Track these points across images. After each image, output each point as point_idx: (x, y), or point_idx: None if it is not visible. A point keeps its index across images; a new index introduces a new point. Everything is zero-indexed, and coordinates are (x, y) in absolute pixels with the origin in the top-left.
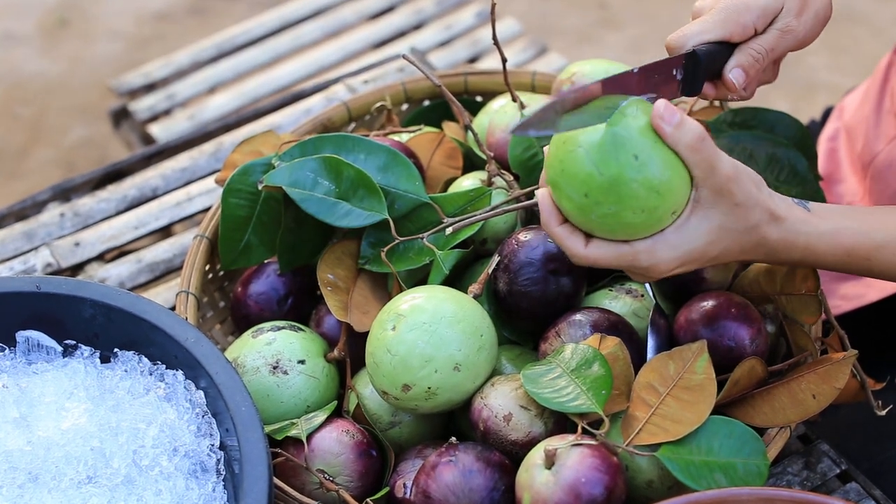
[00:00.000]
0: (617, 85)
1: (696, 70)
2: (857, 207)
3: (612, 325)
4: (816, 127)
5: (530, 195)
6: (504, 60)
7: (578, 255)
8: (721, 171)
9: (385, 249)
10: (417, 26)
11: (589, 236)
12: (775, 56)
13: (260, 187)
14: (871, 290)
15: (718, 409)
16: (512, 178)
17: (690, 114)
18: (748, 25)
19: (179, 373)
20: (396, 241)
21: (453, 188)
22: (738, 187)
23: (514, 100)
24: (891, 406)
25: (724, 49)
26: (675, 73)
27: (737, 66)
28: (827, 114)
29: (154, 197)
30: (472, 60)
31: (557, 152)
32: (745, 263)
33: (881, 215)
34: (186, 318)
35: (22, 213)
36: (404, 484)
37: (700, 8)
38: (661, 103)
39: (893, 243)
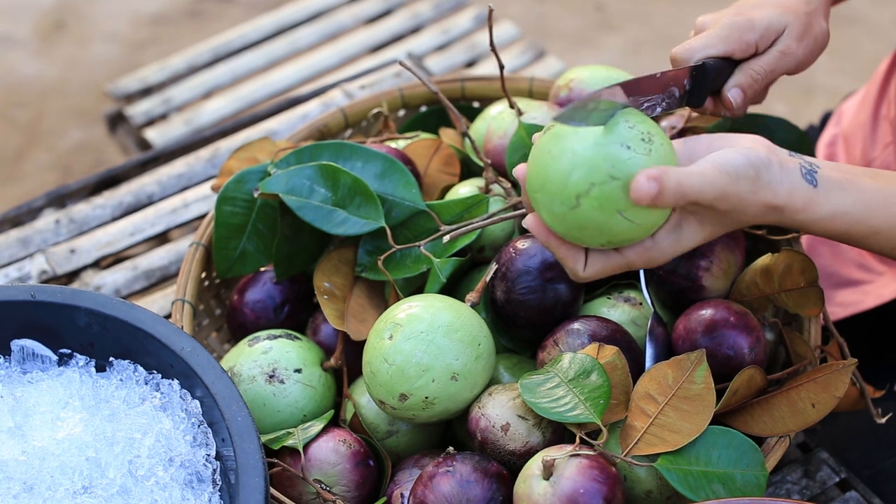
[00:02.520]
0: (637, 87)
1: (703, 82)
2: (865, 178)
3: (611, 333)
4: (815, 132)
5: None
6: (501, 67)
7: (578, 276)
8: (703, 202)
9: (382, 258)
10: (414, 30)
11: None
12: (773, 77)
13: (256, 195)
14: (867, 297)
15: (717, 419)
16: (509, 185)
17: (689, 120)
18: (751, 44)
19: (175, 382)
20: (393, 250)
21: (450, 195)
22: (724, 202)
23: (512, 106)
24: (890, 414)
25: (727, 66)
26: (685, 82)
27: (736, 86)
28: (825, 119)
29: (150, 203)
30: (470, 64)
31: (539, 167)
32: (744, 266)
33: (887, 195)
34: (182, 327)
35: (17, 219)
36: (401, 494)
37: (703, 23)
38: (638, 181)
39: (887, 230)
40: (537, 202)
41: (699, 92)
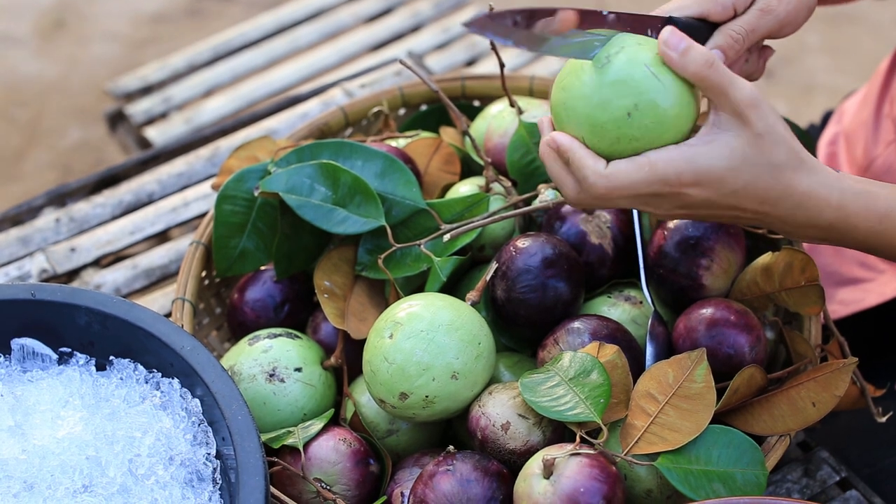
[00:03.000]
0: (589, 23)
1: None
2: (887, 184)
3: (611, 332)
4: (816, 131)
5: (528, 201)
6: (502, 66)
7: (599, 173)
8: (735, 95)
9: (382, 256)
10: (415, 29)
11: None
12: (756, 38)
13: (256, 193)
14: (869, 295)
15: (717, 417)
16: (510, 183)
17: None
18: (727, 5)
19: (175, 381)
20: (393, 248)
21: (451, 194)
22: (757, 115)
23: (512, 105)
24: (891, 413)
25: (703, 27)
26: (649, 33)
27: (715, 48)
28: (826, 118)
29: (150, 202)
30: (470, 63)
31: (561, 92)
32: (745, 264)
33: None
34: (182, 326)
35: (17, 217)
36: (402, 493)
37: None
38: (668, 30)
39: None
40: (568, 85)
41: None
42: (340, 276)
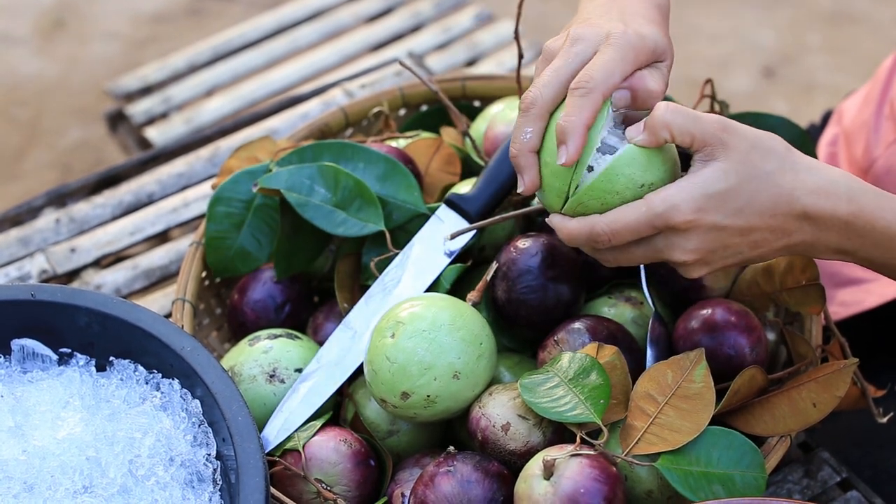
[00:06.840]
0: None
1: None
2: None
3: (611, 333)
4: (816, 131)
5: (528, 201)
6: (521, 57)
7: (599, 222)
8: (704, 128)
9: (375, 260)
10: (415, 29)
11: None
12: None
13: (255, 190)
14: (869, 296)
15: (718, 418)
16: None
17: None
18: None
19: (175, 382)
20: (391, 252)
21: None
22: (734, 136)
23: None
24: (892, 413)
25: None
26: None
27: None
28: (826, 118)
29: (150, 202)
30: (470, 63)
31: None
32: (745, 267)
33: None
34: (182, 327)
35: (17, 218)
36: (402, 493)
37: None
38: (630, 131)
39: None
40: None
41: None
42: (347, 291)
